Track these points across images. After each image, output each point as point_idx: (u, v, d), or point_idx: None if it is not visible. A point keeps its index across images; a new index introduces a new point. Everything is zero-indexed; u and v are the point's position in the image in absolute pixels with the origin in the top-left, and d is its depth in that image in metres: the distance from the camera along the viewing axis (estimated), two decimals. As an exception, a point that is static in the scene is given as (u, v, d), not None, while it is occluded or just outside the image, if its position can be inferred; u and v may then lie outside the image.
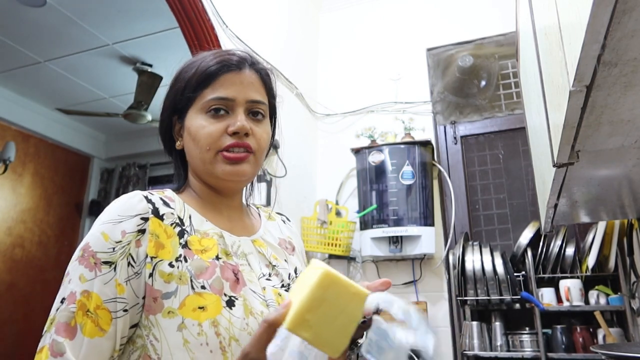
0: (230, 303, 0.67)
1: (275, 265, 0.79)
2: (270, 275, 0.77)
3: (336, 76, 3.04)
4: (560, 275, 2.14)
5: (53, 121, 4.16)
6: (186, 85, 0.76)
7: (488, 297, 2.14)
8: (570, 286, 2.08)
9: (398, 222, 2.36)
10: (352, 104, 2.92)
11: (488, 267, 2.16)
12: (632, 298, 1.92)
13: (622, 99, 0.66)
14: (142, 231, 0.67)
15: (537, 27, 1.09)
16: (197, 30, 1.95)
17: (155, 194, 0.73)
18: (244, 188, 0.86)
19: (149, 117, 3.49)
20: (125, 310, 0.64)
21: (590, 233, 2.08)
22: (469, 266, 2.19)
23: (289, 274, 0.81)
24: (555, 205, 1.31)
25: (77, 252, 0.66)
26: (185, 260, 0.68)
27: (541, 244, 2.19)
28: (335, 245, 2.44)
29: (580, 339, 2.03)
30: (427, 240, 2.36)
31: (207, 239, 0.73)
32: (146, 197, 0.71)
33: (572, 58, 0.61)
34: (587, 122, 0.73)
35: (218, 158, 0.73)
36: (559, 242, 2.14)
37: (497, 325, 2.19)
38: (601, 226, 1.99)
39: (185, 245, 0.70)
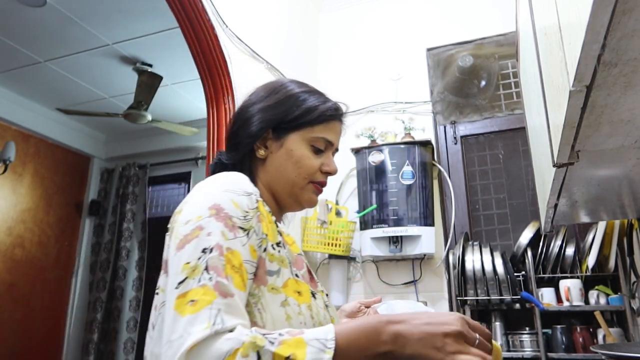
0: (313, 295, 0.76)
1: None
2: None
3: (336, 76, 3.04)
4: (560, 275, 2.14)
5: (53, 121, 4.15)
6: (303, 113, 0.85)
7: (488, 297, 2.14)
8: (570, 286, 2.08)
9: (398, 222, 2.36)
10: (352, 104, 2.90)
11: (488, 267, 2.16)
12: (632, 298, 1.92)
13: (622, 99, 0.66)
14: (257, 209, 0.72)
15: (537, 27, 1.09)
16: (197, 30, 1.95)
17: None
18: None
19: (149, 117, 3.48)
20: (254, 275, 0.67)
21: (590, 233, 2.08)
22: (469, 266, 2.19)
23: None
24: (555, 205, 1.31)
25: (207, 210, 0.66)
26: (284, 247, 0.76)
27: (541, 244, 2.19)
28: (335, 245, 2.44)
29: (580, 339, 2.03)
30: (427, 240, 2.36)
31: (285, 235, 0.81)
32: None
33: (572, 58, 0.61)
34: (587, 122, 0.73)
35: (309, 187, 0.85)
36: (559, 242, 2.14)
37: (497, 325, 2.19)
38: (601, 226, 1.99)
39: (280, 234, 0.77)
